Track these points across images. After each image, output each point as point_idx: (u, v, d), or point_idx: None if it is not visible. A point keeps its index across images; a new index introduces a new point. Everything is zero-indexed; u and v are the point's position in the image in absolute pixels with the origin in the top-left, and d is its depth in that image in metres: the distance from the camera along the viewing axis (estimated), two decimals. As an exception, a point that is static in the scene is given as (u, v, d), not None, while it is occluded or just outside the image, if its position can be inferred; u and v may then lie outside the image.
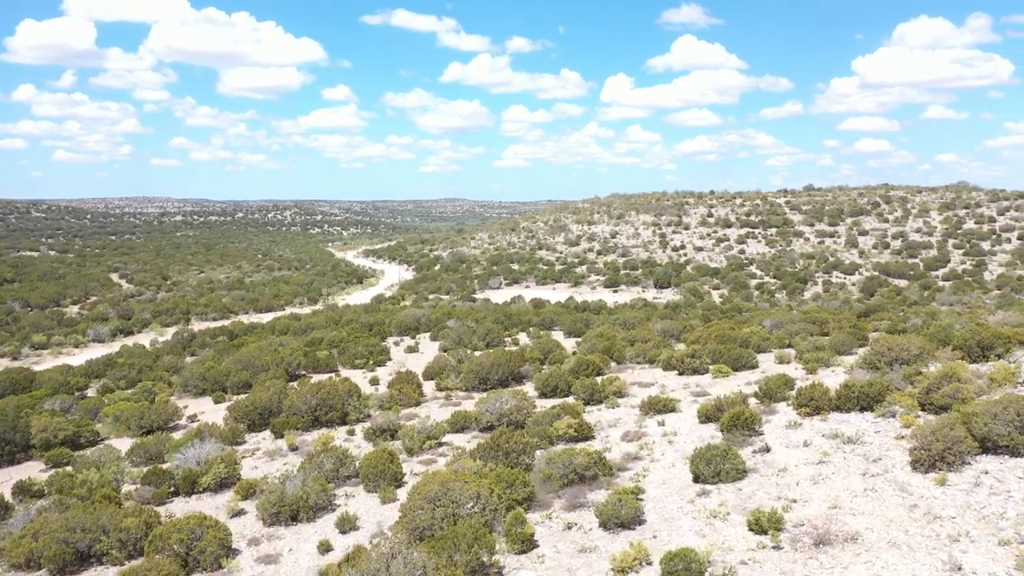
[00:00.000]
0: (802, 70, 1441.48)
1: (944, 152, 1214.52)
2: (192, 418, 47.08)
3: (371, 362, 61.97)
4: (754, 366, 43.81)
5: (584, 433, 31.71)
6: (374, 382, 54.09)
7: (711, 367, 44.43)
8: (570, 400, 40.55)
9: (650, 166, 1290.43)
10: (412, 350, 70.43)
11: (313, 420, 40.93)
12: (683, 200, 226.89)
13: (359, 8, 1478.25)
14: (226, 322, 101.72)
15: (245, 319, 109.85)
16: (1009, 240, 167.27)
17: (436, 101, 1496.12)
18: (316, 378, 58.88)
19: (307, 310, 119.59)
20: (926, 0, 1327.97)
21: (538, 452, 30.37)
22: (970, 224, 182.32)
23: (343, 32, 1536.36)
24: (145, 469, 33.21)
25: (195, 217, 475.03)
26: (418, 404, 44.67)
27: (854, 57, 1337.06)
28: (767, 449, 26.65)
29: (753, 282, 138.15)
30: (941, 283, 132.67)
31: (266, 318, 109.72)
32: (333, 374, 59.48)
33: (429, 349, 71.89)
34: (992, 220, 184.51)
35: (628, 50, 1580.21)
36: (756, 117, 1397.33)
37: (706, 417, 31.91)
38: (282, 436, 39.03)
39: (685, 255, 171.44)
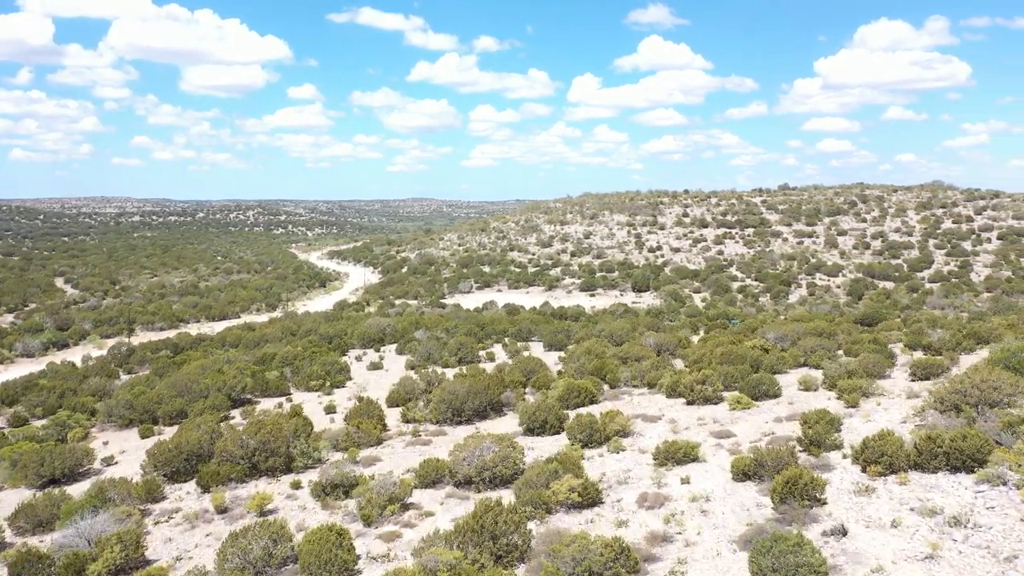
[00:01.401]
0: (766, 71, 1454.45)
1: (904, 152, 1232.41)
2: (108, 461, 39.35)
3: (328, 383, 54.54)
4: (776, 395, 37.28)
5: (590, 497, 24.81)
6: (330, 409, 46.73)
7: (726, 396, 37.84)
8: (563, 440, 33.67)
9: (617, 166, 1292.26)
10: (375, 367, 63.06)
11: (251, 467, 33.53)
12: (658, 199, 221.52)
13: (325, 6, 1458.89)
14: (173, 333, 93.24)
15: (195, 329, 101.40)
16: (989, 240, 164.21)
17: (403, 100, 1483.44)
18: (264, 404, 51.46)
19: (264, 318, 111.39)
20: (886, 3, 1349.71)
21: (531, 524, 23.48)
22: (948, 224, 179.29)
23: (309, 30, 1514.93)
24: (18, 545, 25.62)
25: (154, 217, 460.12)
26: (380, 443, 37.47)
27: (816, 58, 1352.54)
28: (843, 532, 19.98)
29: (735, 285, 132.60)
30: (928, 285, 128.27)
31: (219, 327, 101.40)
32: (284, 398, 52.04)
33: (395, 365, 64.61)
34: (970, 220, 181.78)
35: (595, 50, 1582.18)
36: (721, 117, 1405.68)
37: (743, 474, 25.21)
38: (210, 490, 31.63)
39: (662, 256, 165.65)
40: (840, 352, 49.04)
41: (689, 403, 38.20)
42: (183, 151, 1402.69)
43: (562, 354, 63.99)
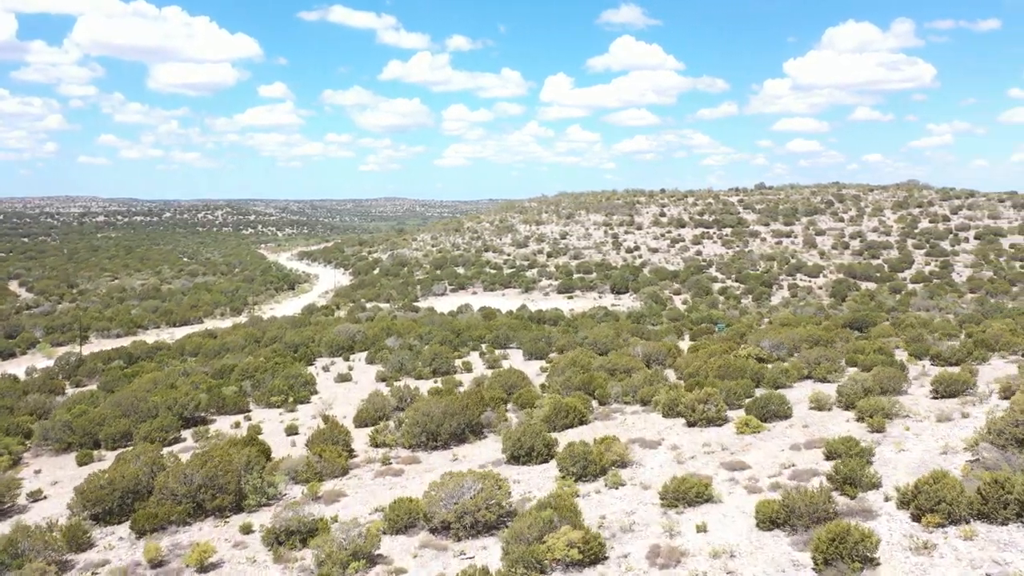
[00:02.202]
0: (737, 71, 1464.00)
1: (871, 152, 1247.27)
2: (36, 495, 34.69)
3: (291, 399, 50.16)
4: (787, 415, 33.65)
5: (592, 552, 20.90)
6: (292, 430, 42.41)
7: (731, 416, 34.17)
8: (552, 471, 29.74)
9: (590, 165, 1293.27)
10: (344, 379, 58.73)
11: (196, 507, 29.20)
12: (634, 199, 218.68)
13: (295, 4, 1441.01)
14: (130, 340, 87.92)
15: (154, 336, 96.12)
16: (967, 240, 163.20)
17: (376, 99, 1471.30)
18: (220, 423, 46.97)
19: (228, 323, 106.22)
20: (854, 5, 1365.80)
21: (524, 588, 19.52)
22: (925, 223, 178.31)
23: (279, 28, 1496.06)
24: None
25: (119, 217, 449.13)
26: (345, 473, 33.29)
27: (786, 59, 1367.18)
28: (910, 608, 16.22)
29: (716, 286, 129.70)
30: (910, 286, 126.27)
31: (180, 333, 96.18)
32: (243, 416, 47.59)
33: (365, 376, 60.34)
34: (946, 219, 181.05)
35: (568, 50, 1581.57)
36: (693, 117, 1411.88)
37: (770, 521, 21.44)
38: (146, 535, 27.28)
39: (640, 257, 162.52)
40: (843, 363, 45.64)
41: (690, 424, 34.45)
42: (151, 150, 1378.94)
43: (544, 363, 60.17)
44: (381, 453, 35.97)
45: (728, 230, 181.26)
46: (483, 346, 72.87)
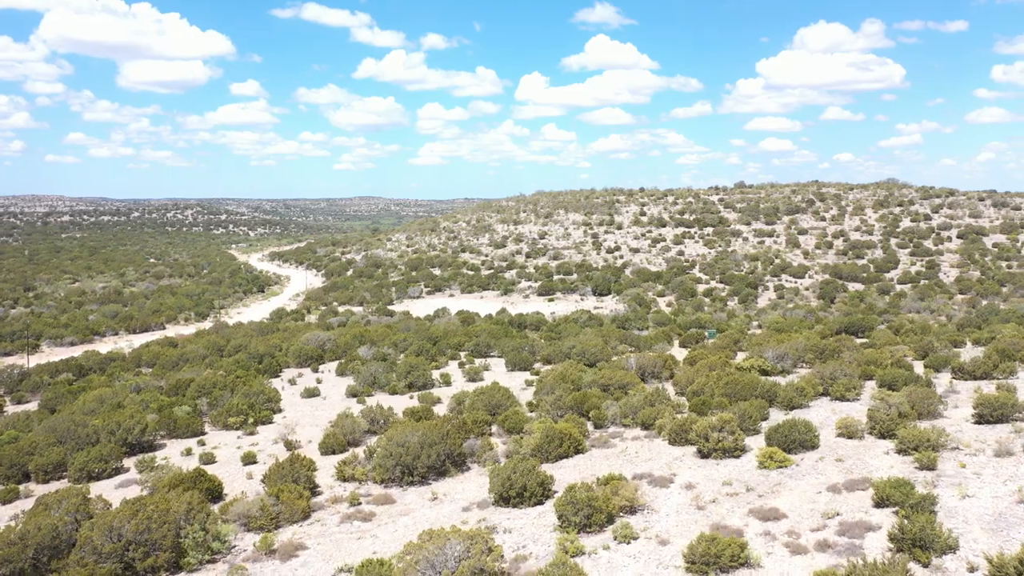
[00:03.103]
0: (711, 71, 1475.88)
1: (842, 151, 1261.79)
2: (-59, 546, 29.52)
3: (252, 419, 45.27)
4: (814, 444, 29.50)
5: (611, 647, 16.41)
6: (249, 459, 37.57)
7: (750, 445, 29.98)
8: (549, 517, 25.33)
9: (565, 164, 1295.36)
10: (311, 393, 53.88)
11: (125, 567, 24.40)
12: (613, 198, 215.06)
13: (269, 1, 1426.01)
14: (83, 349, 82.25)
15: (110, 344, 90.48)
16: (950, 239, 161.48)
17: (350, 97, 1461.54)
18: (170, 449, 42.00)
19: (192, 329, 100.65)
20: (825, 5, 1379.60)
21: None
22: (907, 222, 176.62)
23: (252, 25, 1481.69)
24: None
25: (86, 217, 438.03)
26: (307, 517, 28.61)
27: (759, 59, 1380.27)
28: None
29: (700, 287, 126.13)
30: (898, 287, 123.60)
31: (140, 341, 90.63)
32: (197, 441, 42.64)
33: (335, 390, 55.57)
34: (928, 218, 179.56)
35: (543, 49, 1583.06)
36: (667, 116, 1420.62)
37: (831, 600, 17.12)
38: (61, 607, 22.48)
39: (621, 257, 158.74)
40: (858, 376, 41.68)
41: (703, 455, 30.20)
42: (121, 148, 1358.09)
43: (528, 376, 55.80)
44: (349, 490, 31.32)
45: (709, 229, 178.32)
46: (462, 355, 68.38)
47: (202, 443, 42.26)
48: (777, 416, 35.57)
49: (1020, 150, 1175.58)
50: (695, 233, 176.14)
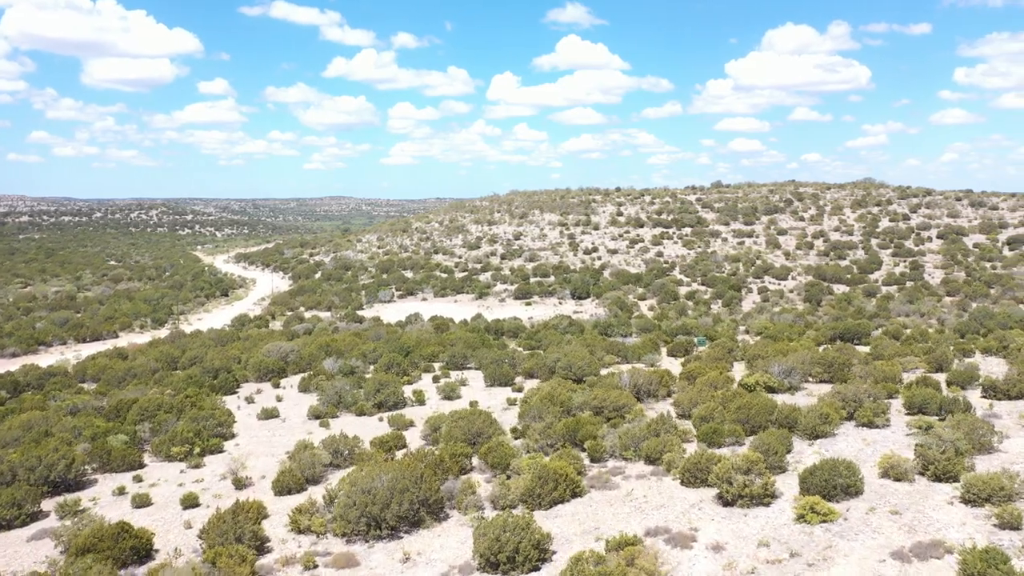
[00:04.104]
0: (681, 72, 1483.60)
1: (810, 152, 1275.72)
2: None
3: (198, 449, 39.84)
4: (858, 491, 24.94)
5: None
6: (190, 502, 32.24)
7: (783, 491, 25.35)
8: (550, 593, 20.45)
9: (537, 164, 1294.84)
10: (270, 415, 48.47)
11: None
12: (589, 198, 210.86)
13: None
14: (24, 362, 75.80)
15: (56, 355, 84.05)
16: (930, 239, 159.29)
17: (320, 96, 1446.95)
18: (100, 487, 36.46)
19: (147, 337, 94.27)
20: (792, 7, 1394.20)
21: None
22: (886, 222, 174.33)
23: (219, 23, 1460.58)
24: None
25: (46, 217, 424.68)
26: (251, 586, 23.41)
27: (728, 60, 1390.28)
28: None
29: (682, 290, 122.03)
30: (883, 288, 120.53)
31: (89, 351, 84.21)
32: (133, 476, 37.18)
33: (296, 411, 50.22)
34: (906, 218, 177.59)
35: (515, 48, 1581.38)
36: (638, 117, 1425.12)
37: None
38: None
39: (599, 259, 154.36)
40: (883, 396, 37.28)
41: (725, 502, 25.51)
42: (86, 147, 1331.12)
43: (510, 393, 50.89)
44: (305, 548, 26.20)
45: (688, 230, 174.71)
46: (436, 367, 63.31)
47: (139, 479, 36.79)
48: (801, 447, 31.03)
49: (982, 151, 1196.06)
50: (673, 233, 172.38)
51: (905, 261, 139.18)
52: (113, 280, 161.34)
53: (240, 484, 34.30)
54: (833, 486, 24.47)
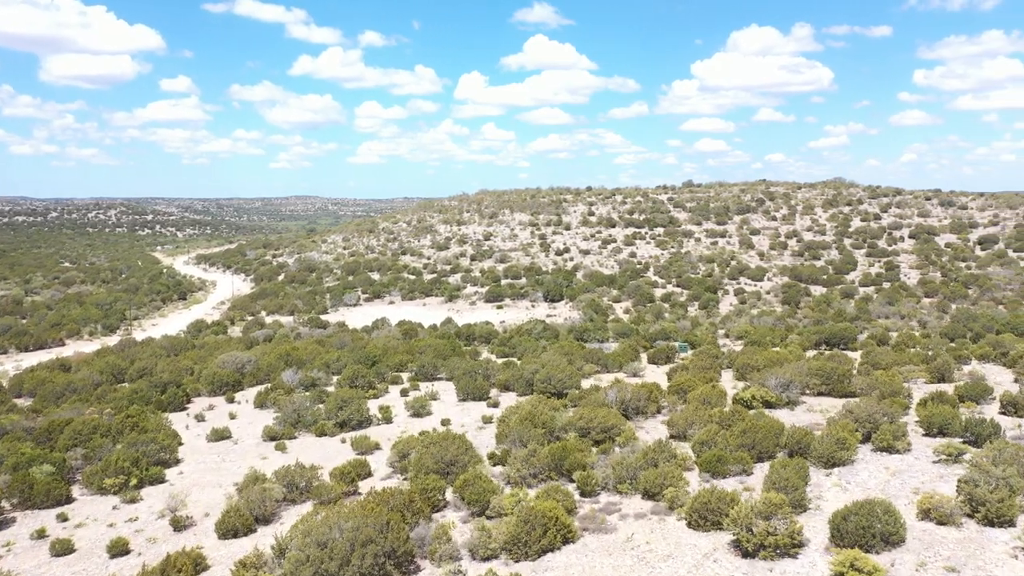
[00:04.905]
0: (648, 72, 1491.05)
1: (773, 152, 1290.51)
2: None
3: (135, 480, 35.31)
4: (899, 539, 21.47)
5: None
6: (118, 549, 27.91)
7: (809, 537, 21.71)
8: None
9: (505, 164, 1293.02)
10: (221, 436, 43.96)
11: None
12: (560, 197, 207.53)
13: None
14: (-44, 375, 70.05)
15: (-6, 366, 78.07)
16: (902, 239, 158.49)
17: (286, 95, 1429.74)
18: (17, 528, 31.77)
19: (96, 345, 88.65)
20: (757, 9, 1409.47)
21: None
22: (857, 222, 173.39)
23: (183, 20, 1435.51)
24: None
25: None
26: (178, 671, 19.18)
27: (694, 61, 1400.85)
28: None
29: (658, 292, 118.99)
30: (861, 289, 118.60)
31: (32, 360, 78.59)
32: (57, 516, 32.47)
33: (250, 430, 45.79)
34: (877, 217, 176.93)
35: (482, 48, 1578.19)
36: (605, 117, 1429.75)
37: None
38: None
39: (571, 259, 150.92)
40: (901, 416, 33.93)
41: (744, 553, 21.84)
42: (45, 146, 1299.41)
43: (485, 409, 46.92)
44: (247, 614, 21.99)
45: (660, 230, 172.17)
46: (405, 378, 59.16)
47: (64, 518, 32.21)
48: (818, 479, 27.52)
49: (940, 151, 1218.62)
50: (646, 233, 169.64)
51: (880, 261, 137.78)
52: (65, 283, 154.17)
53: (179, 525, 29.93)
54: (871, 534, 20.92)
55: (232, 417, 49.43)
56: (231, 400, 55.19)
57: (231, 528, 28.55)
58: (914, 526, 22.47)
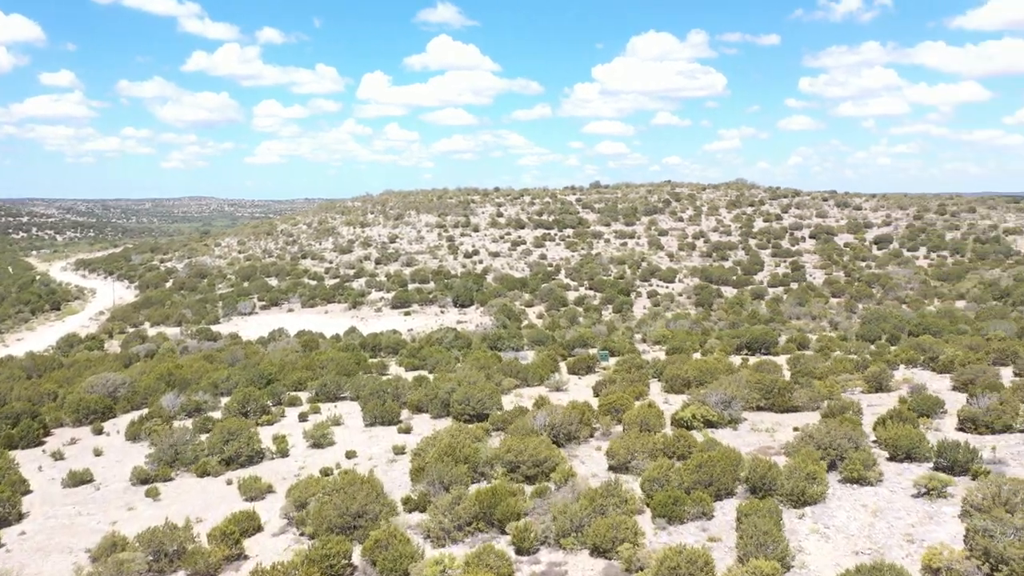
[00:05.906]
0: (551, 74, 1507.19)
1: (670, 155, 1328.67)
2: None
3: (-39, 547, 28.34)
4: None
5: None
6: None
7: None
8: None
9: (409, 164, 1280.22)
10: (80, 480, 37.05)
11: None
12: (468, 198, 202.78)
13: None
14: None
15: None
16: (804, 239, 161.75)
17: (179, 92, 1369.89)
18: None
19: (-53, 365, 77.82)
20: (655, 15, 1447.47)
21: None
22: (760, 223, 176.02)
23: (65, 11, 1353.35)
24: None
25: None
26: None
27: (595, 65, 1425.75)
28: None
29: (570, 295, 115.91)
30: (769, 290, 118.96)
31: None
32: None
33: (117, 470, 38.98)
34: (779, 218, 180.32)
35: (385, 47, 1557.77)
36: (509, 118, 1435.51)
37: None
38: None
39: (481, 262, 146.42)
40: (859, 437, 30.73)
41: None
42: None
43: (397, 437, 41.52)
44: None
45: (570, 231, 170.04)
46: (304, 399, 53.00)
47: None
48: (791, 522, 23.71)
49: (824, 155, 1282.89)
50: (555, 235, 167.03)
51: (786, 261, 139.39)
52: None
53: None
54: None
55: (98, 454, 42.30)
56: (99, 431, 47.73)
57: (75, 617, 22.45)
58: (921, 586, 18.91)
